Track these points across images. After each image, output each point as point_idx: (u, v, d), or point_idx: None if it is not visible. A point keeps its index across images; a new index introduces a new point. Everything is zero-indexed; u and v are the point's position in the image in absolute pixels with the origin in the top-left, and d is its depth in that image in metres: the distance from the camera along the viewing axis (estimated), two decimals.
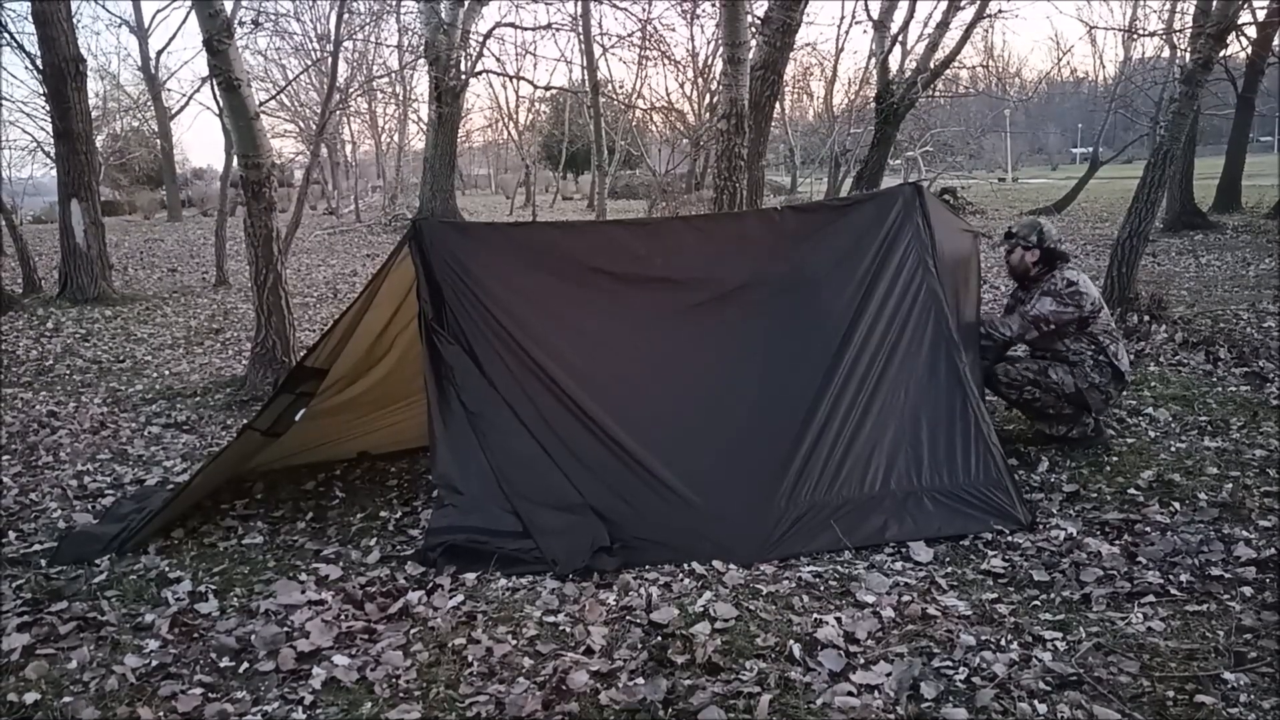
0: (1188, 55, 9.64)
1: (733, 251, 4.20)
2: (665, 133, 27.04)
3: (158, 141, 29.74)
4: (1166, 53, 17.29)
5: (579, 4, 13.62)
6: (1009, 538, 3.67)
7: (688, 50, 25.03)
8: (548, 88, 24.36)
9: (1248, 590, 3.13)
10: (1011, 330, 4.72)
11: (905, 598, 3.17)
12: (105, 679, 2.80)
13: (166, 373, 7.71)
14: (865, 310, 4.06)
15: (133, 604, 3.36)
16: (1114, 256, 7.89)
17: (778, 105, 17.20)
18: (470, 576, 3.44)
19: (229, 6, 7.07)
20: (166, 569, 3.65)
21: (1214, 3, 7.29)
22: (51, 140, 11.91)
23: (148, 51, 27.35)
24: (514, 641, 2.96)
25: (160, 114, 27.87)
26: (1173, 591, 3.15)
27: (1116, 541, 3.58)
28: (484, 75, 21.50)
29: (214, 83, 6.52)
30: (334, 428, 4.79)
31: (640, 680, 2.70)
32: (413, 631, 3.04)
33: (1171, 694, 2.54)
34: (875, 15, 15.45)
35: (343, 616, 3.16)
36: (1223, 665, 2.67)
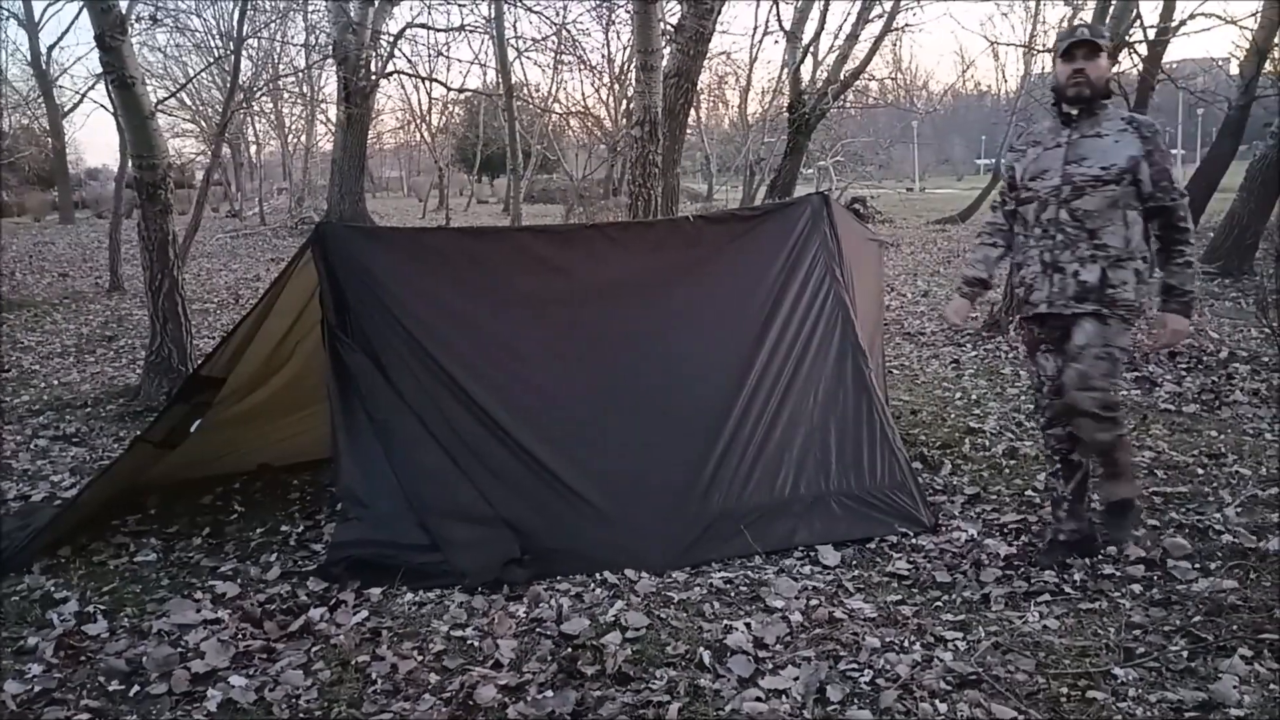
0: None
1: (645, 260, 4.19)
2: (582, 137, 26.96)
3: (49, 140, 28.34)
4: None
5: (492, 6, 13.50)
6: (913, 540, 3.76)
7: (603, 55, 24.97)
8: (461, 90, 23.97)
9: (1137, 588, 3.26)
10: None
11: (813, 602, 3.21)
12: None
13: (55, 382, 7.34)
14: (774, 318, 4.10)
15: (15, 626, 3.19)
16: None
17: (693, 113, 17.37)
18: (375, 591, 3.36)
19: (124, 3, 6.80)
20: (52, 589, 3.48)
21: (1106, 20, 7.62)
22: None
23: (38, 46, 25.98)
24: (420, 657, 2.89)
25: (52, 111, 26.60)
26: (1067, 590, 3.27)
27: (1015, 542, 3.70)
28: (395, 76, 21.14)
29: (107, 80, 6.26)
30: (232, 439, 4.62)
31: (549, 693, 2.67)
32: (314, 650, 2.95)
33: (1065, 690, 2.63)
34: (787, 26, 15.78)
35: (240, 635, 3.05)
36: (1113, 661, 2.77)
